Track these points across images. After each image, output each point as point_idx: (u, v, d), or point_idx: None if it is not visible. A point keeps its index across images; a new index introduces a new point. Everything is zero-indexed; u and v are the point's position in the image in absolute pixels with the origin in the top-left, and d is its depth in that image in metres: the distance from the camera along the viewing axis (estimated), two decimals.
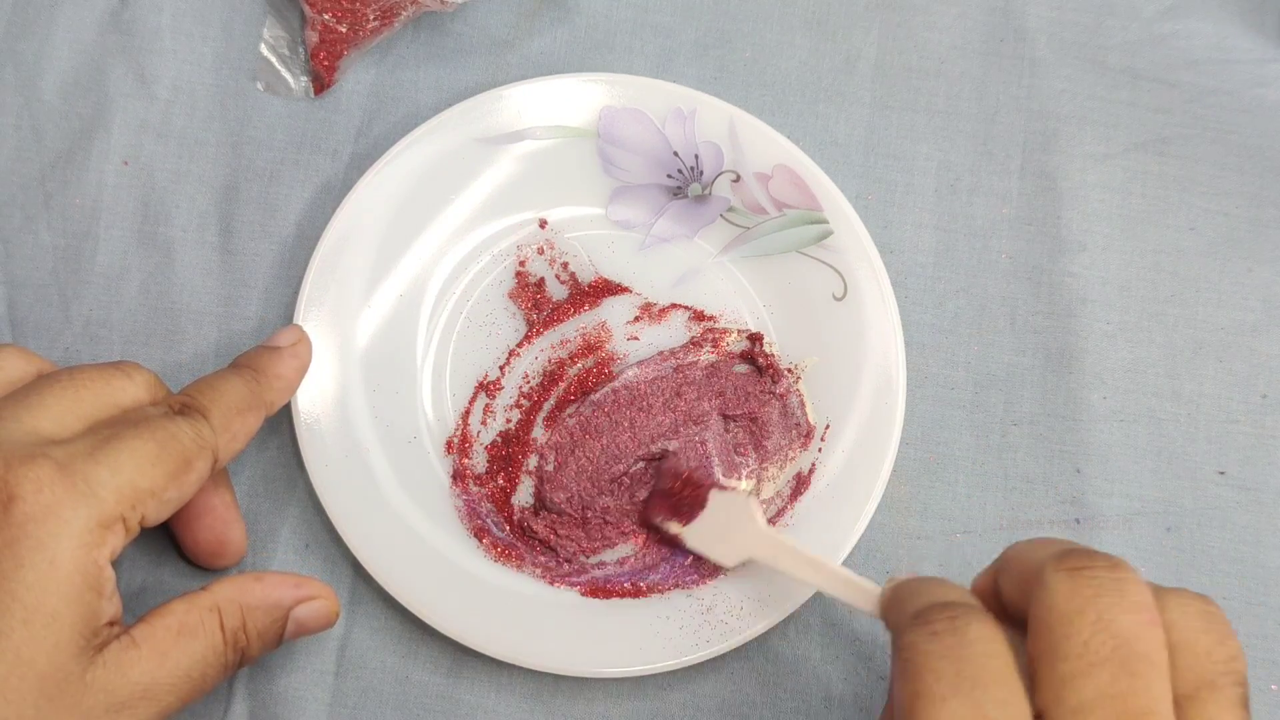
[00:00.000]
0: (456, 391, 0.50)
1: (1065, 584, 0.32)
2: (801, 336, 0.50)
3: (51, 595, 0.36)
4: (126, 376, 0.42)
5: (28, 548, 0.36)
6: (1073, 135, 0.54)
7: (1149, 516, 0.50)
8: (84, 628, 0.37)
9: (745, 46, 0.55)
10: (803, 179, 0.50)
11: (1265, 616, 0.49)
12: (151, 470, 0.39)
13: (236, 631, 0.41)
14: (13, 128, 0.52)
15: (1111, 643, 0.31)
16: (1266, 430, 0.51)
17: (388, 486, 0.48)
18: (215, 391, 0.43)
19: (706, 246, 0.52)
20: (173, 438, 0.40)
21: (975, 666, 0.32)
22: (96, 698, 0.37)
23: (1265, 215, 0.53)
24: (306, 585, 0.43)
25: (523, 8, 0.55)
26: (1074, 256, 0.53)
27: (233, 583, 0.42)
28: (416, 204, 0.50)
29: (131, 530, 0.39)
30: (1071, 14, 0.55)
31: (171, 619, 0.40)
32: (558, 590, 0.47)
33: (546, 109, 0.51)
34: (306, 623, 0.43)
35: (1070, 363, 0.51)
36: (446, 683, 0.47)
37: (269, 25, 0.53)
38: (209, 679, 0.41)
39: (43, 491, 0.37)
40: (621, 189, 0.52)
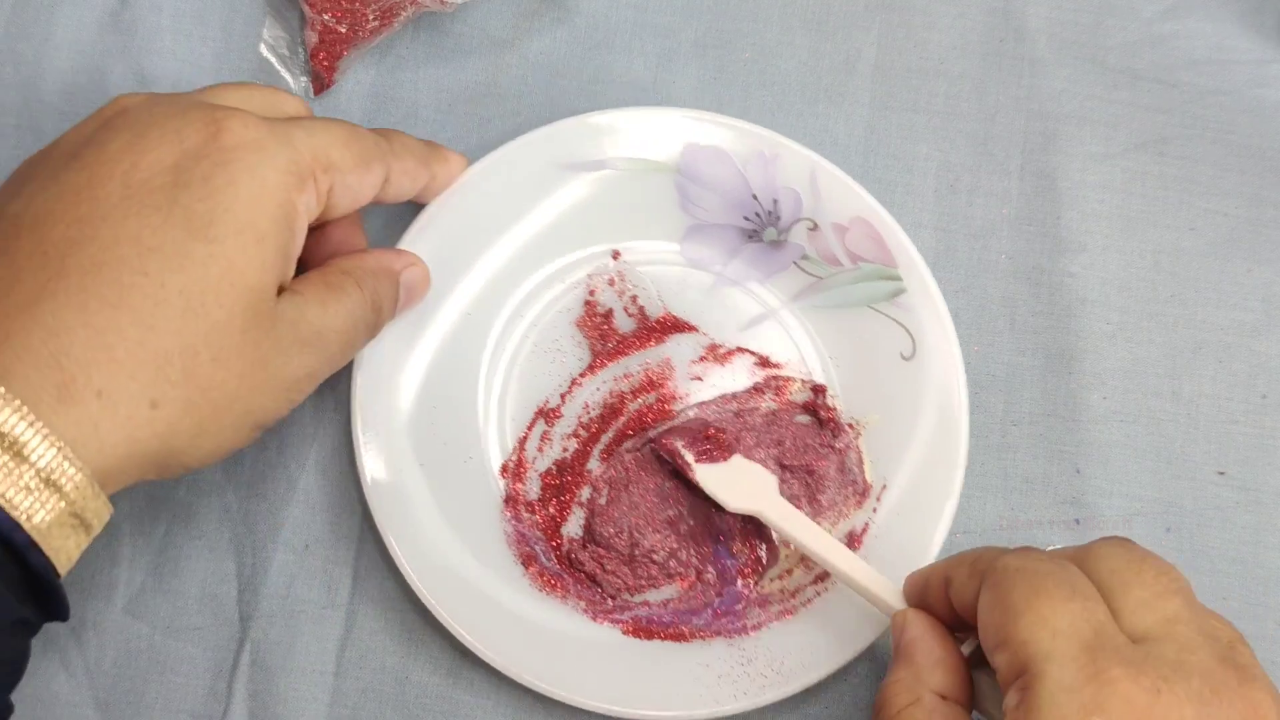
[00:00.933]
0: (516, 416, 0.50)
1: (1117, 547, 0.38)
2: (866, 392, 0.50)
3: (261, 216, 0.39)
4: (289, 95, 0.45)
5: (239, 169, 0.39)
6: (1073, 135, 0.54)
7: (1149, 516, 0.50)
8: (282, 258, 0.40)
9: (745, 46, 0.55)
10: (880, 234, 0.49)
11: (1265, 616, 0.49)
12: (343, 149, 0.42)
13: (373, 291, 0.44)
14: (13, 128, 0.52)
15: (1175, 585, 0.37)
16: (1266, 430, 0.51)
17: (439, 504, 0.47)
18: (394, 132, 0.46)
19: (777, 293, 0.51)
20: (360, 135, 0.43)
21: (1081, 584, 0.36)
22: (285, 329, 0.40)
23: (1265, 215, 0.53)
24: (405, 254, 0.47)
25: (523, 8, 0.55)
26: (1074, 257, 0.53)
27: (350, 256, 0.45)
28: (491, 222, 0.50)
29: (321, 197, 0.42)
30: (1071, 14, 0.55)
31: (314, 278, 0.43)
32: (599, 626, 0.47)
33: (630, 140, 0.50)
34: (411, 287, 0.47)
35: (1070, 363, 0.51)
36: (446, 683, 0.47)
37: (268, 25, 0.53)
38: (359, 333, 0.43)
39: (249, 129, 0.40)
40: (697, 227, 0.51)
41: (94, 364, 0.36)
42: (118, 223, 0.38)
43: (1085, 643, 0.34)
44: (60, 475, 0.35)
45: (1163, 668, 0.33)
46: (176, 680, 0.47)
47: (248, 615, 0.48)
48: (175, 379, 0.37)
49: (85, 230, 0.37)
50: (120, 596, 0.48)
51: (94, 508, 0.37)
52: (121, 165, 0.39)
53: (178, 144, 0.39)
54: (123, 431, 0.37)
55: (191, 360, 0.37)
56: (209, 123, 0.40)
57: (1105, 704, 0.33)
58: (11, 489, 0.35)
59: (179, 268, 0.37)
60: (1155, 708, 0.33)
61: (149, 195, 0.38)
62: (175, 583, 0.48)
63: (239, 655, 0.47)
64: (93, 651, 0.47)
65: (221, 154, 0.39)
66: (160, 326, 0.37)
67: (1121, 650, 0.34)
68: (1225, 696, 0.34)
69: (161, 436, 0.38)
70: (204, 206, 0.38)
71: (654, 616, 0.47)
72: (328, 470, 0.49)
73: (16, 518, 0.35)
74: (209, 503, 0.49)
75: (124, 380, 0.36)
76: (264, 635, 0.47)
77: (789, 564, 0.48)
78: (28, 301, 0.36)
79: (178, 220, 0.38)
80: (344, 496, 0.49)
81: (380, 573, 0.48)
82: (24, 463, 0.35)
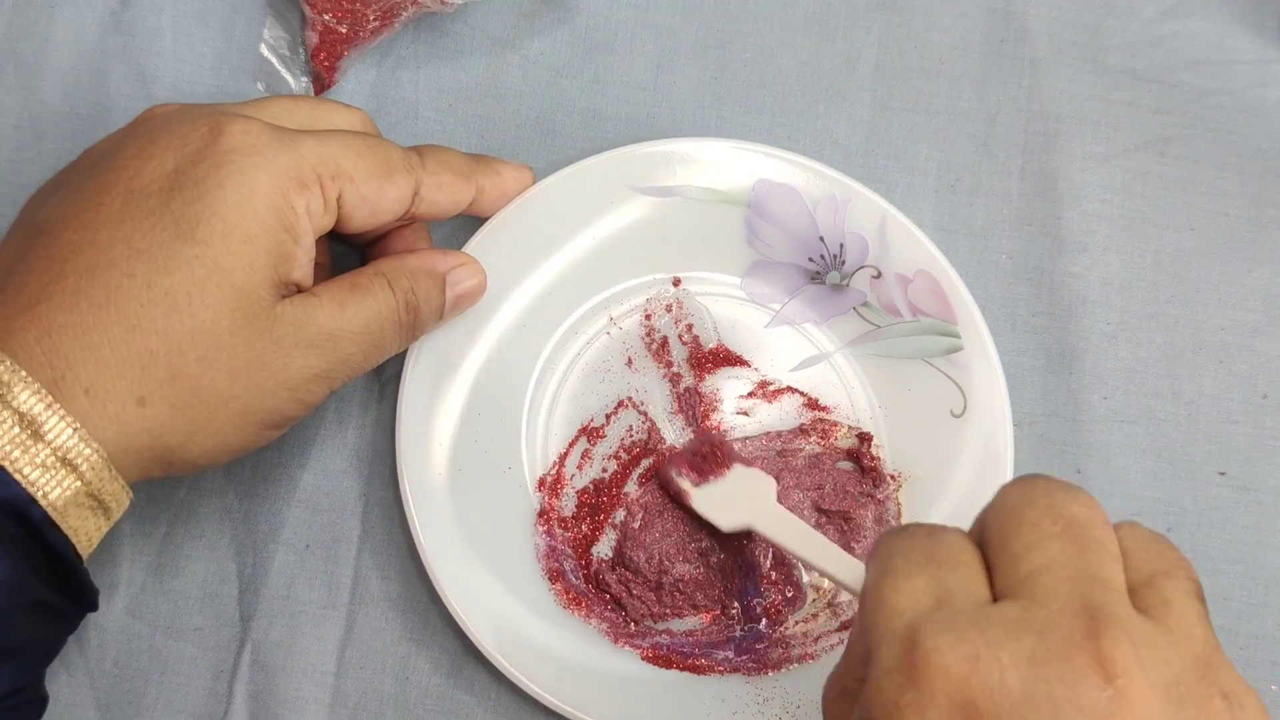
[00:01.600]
0: (559, 431, 0.50)
1: (1015, 488, 0.32)
2: (911, 445, 0.49)
3: (249, 218, 0.39)
4: (345, 106, 0.46)
5: (229, 172, 0.40)
6: (1073, 136, 0.54)
7: (1149, 516, 0.50)
8: (276, 260, 0.40)
9: (745, 46, 0.55)
10: (943, 289, 0.49)
11: (1265, 616, 0.49)
12: (356, 160, 0.42)
13: (407, 291, 0.44)
14: (13, 128, 0.52)
15: (1062, 522, 0.30)
16: (1266, 430, 0.51)
17: (473, 512, 0.47)
18: (435, 147, 0.46)
19: (833, 336, 0.51)
20: (382, 146, 0.43)
21: (943, 552, 0.32)
22: (286, 329, 0.40)
23: (1265, 215, 0.53)
24: (454, 254, 0.47)
25: (523, 8, 0.55)
26: (1074, 257, 0.53)
27: (391, 256, 0.45)
28: (555, 237, 0.50)
29: (329, 204, 0.41)
30: (1071, 14, 0.55)
31: (344, 279, 0.43)
32: (619, 650, 0.47)
33: (704, 170, 0.50)
34: (462, 289, 0.46)
35: (1070, 363, 0.52)
36: (447, 683, 0.47)
37: (269, 26, 0.53)
38: (386, 334, 0.43)
39: (249, 133, 0.40)
40: (761, 263, 0.51)
41: (81, 362, 0.38)
42: (115, 227, 0.39)
43: (916, 617, 0.30)
44: (76, 455, 0.37)
45: (994, 629, 0.29)
46: (176, 680, 0.47)
47: (248, 615, 0.48)
48: (161, 377, 0.38)
49: (87, 235, 0.39)
50: (120, 596, 0.48)
51: (111, 490, 0.38)
52: (128, 172, 0.40)
53: (180, 150, 0.40)
54: (113, 428, 0.38)
55: (178, 359, 0.38)
56: (211, 127, 0.40)
57: (920, 679, 0.29)
58: (28, 466, 0.36)
59: (165, 269, 0.38)
60: (973, 677, 0.28)
61: (146, 200, 0.39)
62: (175, 583, 0.48)
63: (239, 655, 0.47)
64: (93, 651, 0.47)
65: (216, 157, 0.40)
66: (145, 326, 0.38)
67: (956, 618, 0.30)
68: (1067, 653, 0.28)
69: (152, 433, 0.39)
70: (192, 209, 0.39)
71: (674, 645, 0.47)
72: (328, 470, 0.49)
73: (33, 494, 0.36)
74: (209, 503, 0.49)
75: (110, 378, 0.38)
76: (264, 635, 0.47)
77: (815, 608, 0.48)
78: (29, 302, 0.38)
79: (168, 223, 0.39)
80: (345, 497, 0.49)
81: (380, 573, 0.48)
82: (40, 441, 0.36)
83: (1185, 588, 0.31)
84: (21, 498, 0.36)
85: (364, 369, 0.43)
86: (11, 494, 0.36)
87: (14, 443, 0.36)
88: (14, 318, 0.38)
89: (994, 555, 0.31)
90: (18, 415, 0.36)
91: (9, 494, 0.36)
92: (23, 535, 0.37)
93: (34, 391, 0.37)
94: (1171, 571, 0.31)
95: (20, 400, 0.36)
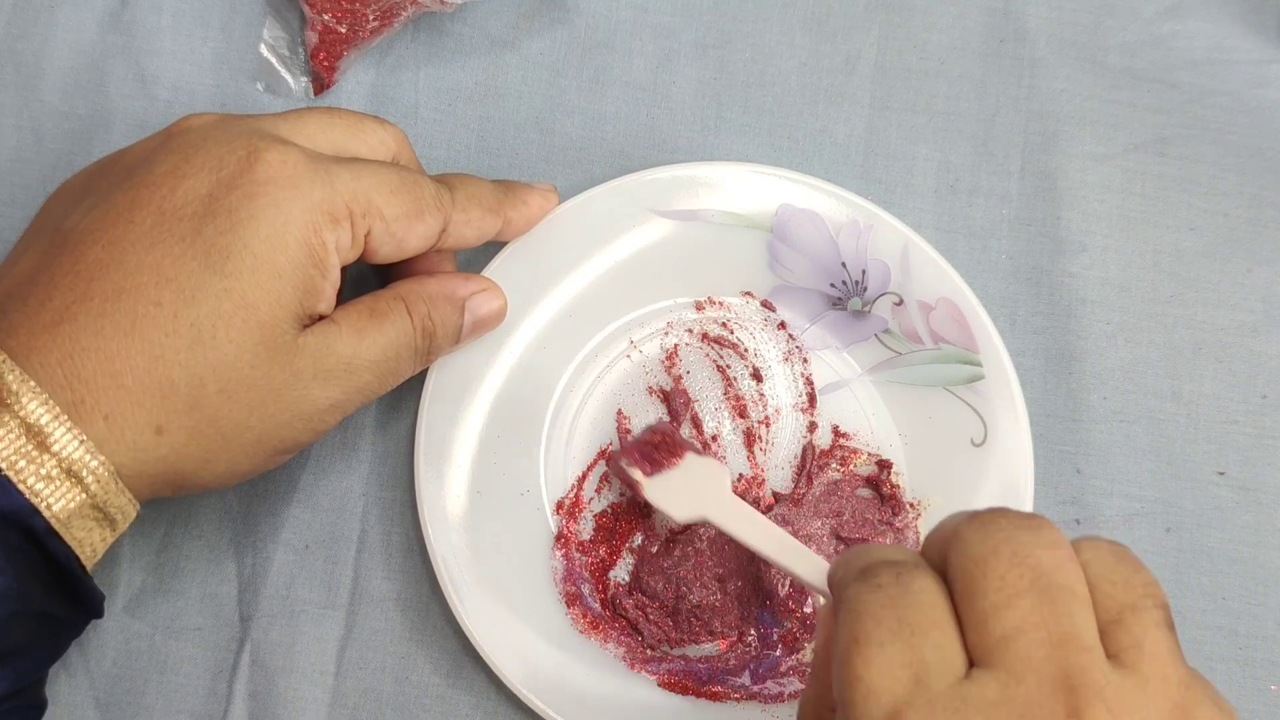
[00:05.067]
0: (578, 454, 0.49)
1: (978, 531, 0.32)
2: (931, 473, 0.49)
3: (280, 253, 0.39)
4: (380, 125, 0.45)
5: (263, 204, 0.39)
6: (1073, 136, 0.54)
7: (1149, 517, 0.50)
8: (303, 294, 0.40)
9: (745, 46, 0.55)
10: (965, 317, 0.49)
11: (1265, 616, 0.49)
12: (389, 195, 0.42)
13: (424, 317, 0.44)
14: (13, 128, 0.52)
15: (1030, 574, 0.30)
16: (1266, 430, 0.51)
17: (491, 534, 0.47)
18: (465, 179, 0.46)
19: (854, 363, 0.51)
20: (415, 183, 0.43)
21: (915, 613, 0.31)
22: (306, 360, 0.40)
23: (1265, 215, 0.53)
24: (475, 279, 0.46)
25: (523, 8, 0.55)
26: (1074, 257, 0.53)
27: (409, 280, 0.45)
28: (576, 260, 0.49)
29: (358, 239, 0.41)
30: (1071, 14, 0.55)
31: (363, 304, 0.43)
32: (635, 674, 0.46)
33: (727, 194, 0.50)
34: (481, 315, 0.46)
35: (1070, 363, 0.52)
36: (446, 684, 0.47)
37: (269, 26, 0.53)
38: (402, 361, 0.43)
39: (286, 163, 0.40)
40: (782, 288, 0.51)
41: (103, 388, 0.37)
42: (144, 250, 0.39)
43: (895, 702, 0.29)
44: (81, 467, 0.37)
45: (975, 716, 0.29)
46: (176, 680, 0.47)
47: (248, 615, 0.48)
48: (181, 408, 0.38)
49: (115, 254, 0.39)
50: (120, 596, 0.48)
51: (117, 503, 0.38)
52: (161, 190, 0.40)
53: (215, 172, 0.40)
54: (129, 454, 0.38)
55: (198, 390, 0.38)
56: (248, 152, 0.40)
57: None
58: (32, 477, 0.36)
59: (192, 300, 0.38)
60: None
61: (178, 224, 0.39)
62: (175, 583, 0.48)
63: (239, 655, 0.47)
64: (93, 651, 0.47)
65: (252, 186, 0.39)
66: (169, 357, 0.38)
67: (934, 703, 0.29)
68: None
69: (167, 460, 0.39)
70: (224, 240, 0.39)
71: (690, 672, 0.47)
72: (328, 470, 0.49)
73: (36, 504, 0.36)
74: (209, 503, 0.49)
75: (130, 406, 0.38)
76: (264, 635, 0.47)
77: None
78: (54, 320, 0.38)
79: (198, 252, 0.39)
80: (345, 497, 0.49)
81: (380, 573, 0.48)
82: (46, 452, 0.36)
83: (1154, 619, 0.30)
84: (24, 508, 0.36)
85: (379, 394, 0.43)
86: (14, 504, 0.36)
87: (19, 453, 0.36)
88: (37, 334, 0.38)
89: (963, 607, 0.31)
90: (24, 426, 0.36)
91: (11, 504, 0.36)
92: (25, 545, 0.36)
93: (42, 402, 0.36)
94: (1138, 604, 0.31)
95: (28, 410, 0.36)
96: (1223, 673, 0.48)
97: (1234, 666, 0.49)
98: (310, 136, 0.43)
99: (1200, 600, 0.49)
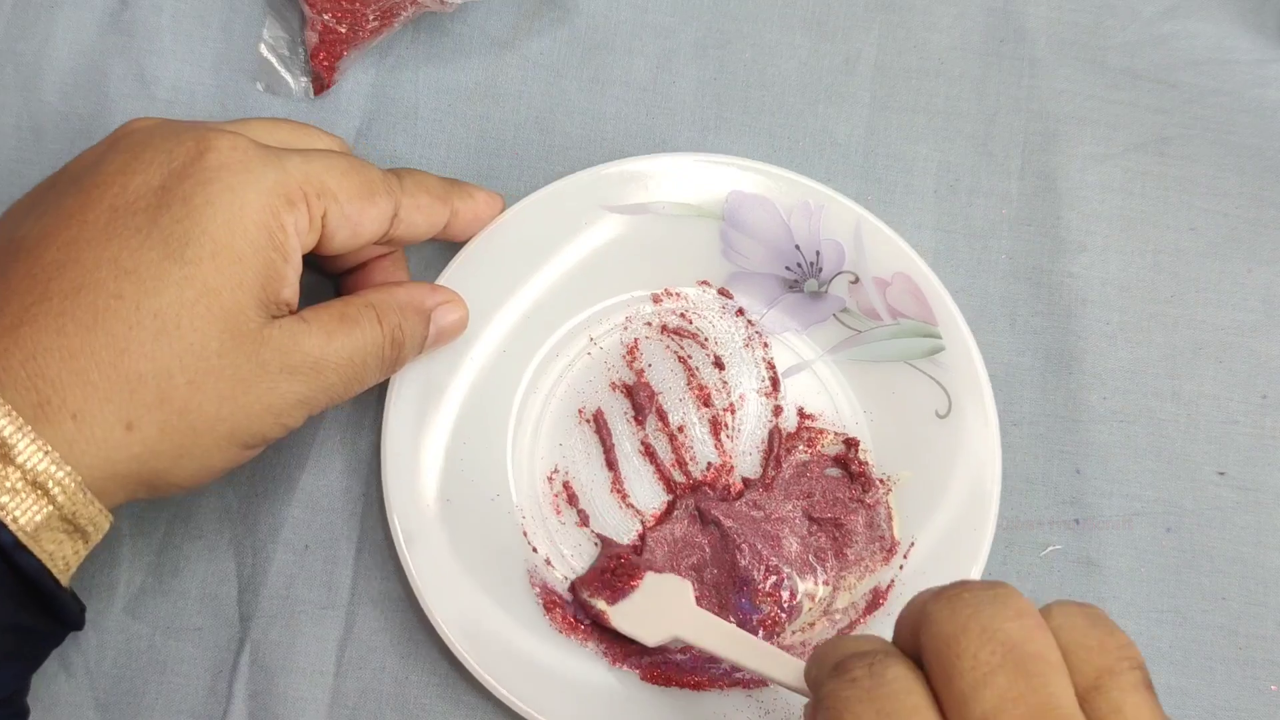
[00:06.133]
0: (545, 455, 0.49)
1: (945, 610, 0.32)
2: (898, 448, 0.49)
3: (239, 237, 0.39)
4: (324, 133, 0.46)
5: (218, 189, 0.39)
6: (1073, 135, 0.54)
7: (1149, 517, 0.50)
8: (265, 279, 0.39)
9: (745, 47, 0.55)
10: (922, 290, 0.49)
11: (1265, 616, 0.49)
12: (340, 177, 0.42)
13: (395, 328, 0.44)
14: (13, 128, 0.52)
15: (1001, 649, 0.30)
16: (1266, 430, 0.51)
17: (464, 540, 0.47)
18: (412, 170, 0.46)
19: (814, 344, 0.51)
20: (364, 167, 0.43)
21: (892, 703, 0.31)
22: (272, 353, 0.40)
23: (1265, 215, 0.53)
24: (440, 290, 0.47)
25: (523, 8, 0.55)
26: (1074, 257, 0.53)
27: (381, 288, 0.45)
28: (531, 261, 0.49)
29: (314, 222, 0.41)
30: (1071, 14, 0.55)
31: (333, 308, 0.42)
32: (617, 670, 0.46)
33: (676, 185, 0.50)
34: (443, 325, 0.46)
35: (1070, 363, 0.52)
36: (446, 684, 0.47)
37: (269, 26, 0.53)
38: (369, 368, 0.43)
39: (237, 149, 0.40)
40: (738, 274, 0.51)
41: (68, 386, 0.37)
42: (100, 246, 0.38)
43: None
44: (47, 479, 0.36)
45: None
46: (176, 680, 0.47)
47: (248, 615, 0.48)
48: (150, 402, 0.37)
49: (71, 253, 0.38)
50: (120, 597, 0.48)
51: (87, 514, 0.37)
52: (112, 189, 0.39)
53: (166, 165, 0.39)
54: (100, 453, 0.37)
55: (166, 383, 0.38)
56: (197, 142, 0.40)
57: None
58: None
59: (154, 290, 0.38)
60: None
61: (132, 217, 0.38)
62: (175, 583, 0.48)
63: (239, 655, 0.47)
64: (93, 652, 0.47)
65: (205, 173, 0.39)
66: (134, 349, 0.37)
67: None
68: None
69: (139, 458, 0.38)
70: (181, 228, 0.38)
71: (673, 663, 0.47)
72: (328, 470, 0.49)
73: (1, 518, 0.35)
74: (209, 503, 0.49)
75: (98, 403, 0.37)
76: (264, 635, 0.47)
77: (811, 617, 0.48)
78: (12, 324, 0.37)
79: (156, 242, 0.38)
80: (344, 497, 0.49)
81: (380, 573, 0.48)
82: (10, 464, 0.35)
83: (1132, 681, 0.31)
84: None
85: (344, 398, 0.43)
86: None
87: None
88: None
89: (940, 690, 0.31)
90: None
91: None
92: None
93: (4, 414, 0.36)
94: (1114, 667, 0.31)
95: None
96: (1223, 673, 0.48)
97: (1234, 666, 0.49)
98: (256, 135, 0.42)
99: (1200, 600, 0.49)
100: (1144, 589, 0.49)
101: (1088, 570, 0.49)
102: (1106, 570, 0.49)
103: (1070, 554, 0.49)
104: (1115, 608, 0.49)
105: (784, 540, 0.48)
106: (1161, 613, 0.49)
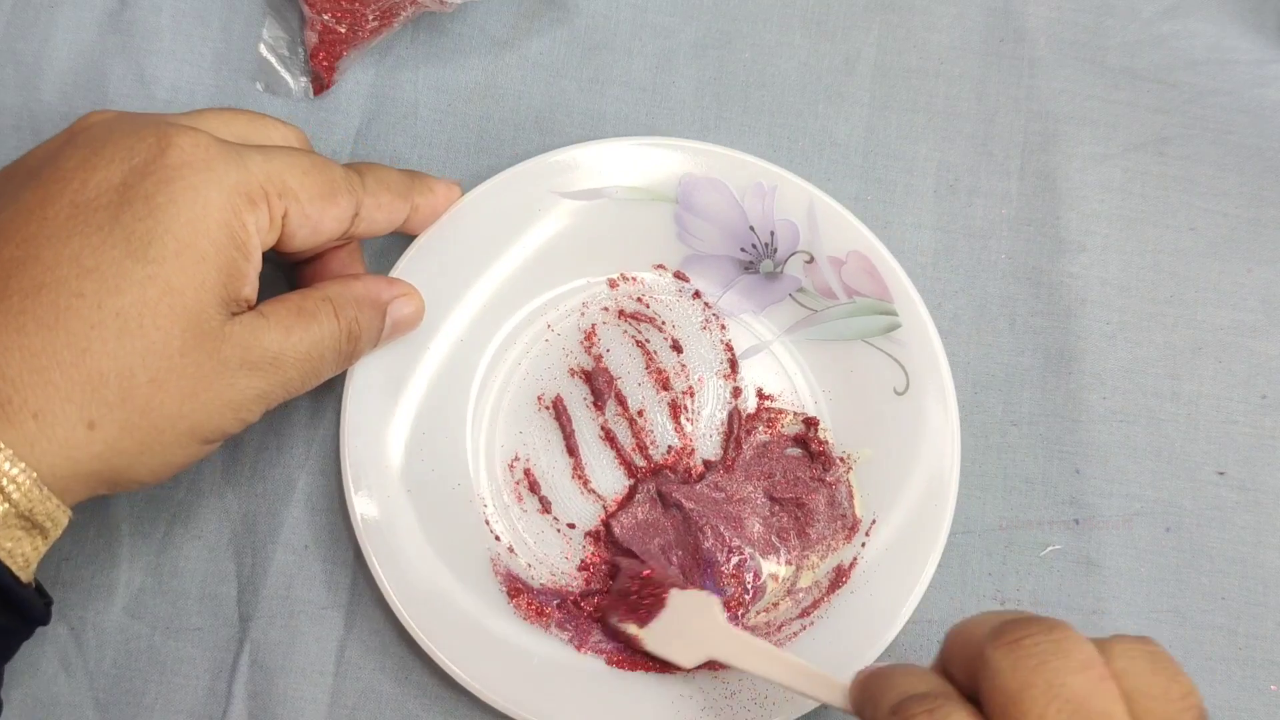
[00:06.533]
0: (504, 442, 0.49)
1: (1007, 660, 0.32)
2: (858, 426, 0.49)
3: (201, 236, 0.39)
4: (281, 122, 0.45)
5: (181, 188, 0.39)
6: (1072, 135, 0.54)
7: (1149, 516, 0.50)
8: (226, 279, 0.39)
9: (745, 47, 0.55)
10: (876, 268, 0.49)
11: (1265, 616, 0.49)
12: (302, 176, 0.41)
13: (351, 321, 0.44)
14: (13, 128, 0.52)
15: (1069, 708, 0.30)
16: (1266, 430, 0.51)
17: (427, 532, 0.47)
18: (373, 166, 0.46)
19: (771, 325, 0.51)
20: (326, 166, 0.43)
21: None
22: (233, 350, 0.39)
23: (1265, 215, 0.53)
24: (397, 284, 0.47)
25: (522, 8, 0.55)
26: (1074, 257, 0.53)
27: (337, 281, 0.45)
28: (485, 250, 0.49)
29: (275, 221, 0.41)
30: (1071, 14, 0.55)
31: (291, 301, 0.42)
32: (584, 655, 0.46)
33: (628, 170, 0.50)
34: (399, 318, 0.46)
35: (1070, 363, 0.52)
36: (446, 684, 0.47)
37: (268, 26, 0.53)
38: (326, 361, 0.43)
39: (198, 146, 0.39)
40: (693, 257, 0.51)
41: (30, 386, 0.36)
42: (61, 243, 0.38)
43: None
44: (2, 477, 0.36)
45: None
46: (176, 680, 0.47)
47: (247, 615, 0.48)
48: (112, 400, 0.37)
49: (30, 250, 0.38)
50: (120, 597, 0.48)
51: (44, 510, 0.37)
52: (72, 184, 0.39)
53: (127, 161, 0.39)
54: (61, 452, 0.37)
55: (128, 382, 0.37)
56: (158, 139, 0.39)
57: None
58: None
59: (116, 289, 0.37)
60: None
61: (93, 214, 0.38)
62: (175, 583, 0.48)
63: (239, 655, 0.47)
64: (93, 652, 0.47)
65: (166, 171, 0.39)
66: (95, 349, 0.37)
67: None
68: None
69: (101, 457, 0.38)
70: (144, 226, 0.38)
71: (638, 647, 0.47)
72: (327, 470, 0.49)
73: None
74: (209, 503, 0.49)
75: (60, 402, 0.37)
76: (264, 635, 0.47)
77: (775, 597, 0.48)
78: None
79: (118, 240, 0.38)
80: (343, 497, 0.49)
81: None
82: None
83: None
84: None
85: (300, 392, 0.43)
86: None
87: None
88: None
89: None
90: None
91: None
92: None
93: None
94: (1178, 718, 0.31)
95: None
96: (1223, 673, 0.48)
97: (1234, 666, 0.49)
98: (214, 129, 0.42)
99: (1200, 600, 0.49)
100: (1144, 589, 0.49)
101: (1087, 570, 0.49)
102: (1106, 570, 0.49)
103: (1070, 554, 0.49)
104: (1115, 607, 0.49)
105: (746, 521, 0.48)
106: (1161, 613, 0.49)
